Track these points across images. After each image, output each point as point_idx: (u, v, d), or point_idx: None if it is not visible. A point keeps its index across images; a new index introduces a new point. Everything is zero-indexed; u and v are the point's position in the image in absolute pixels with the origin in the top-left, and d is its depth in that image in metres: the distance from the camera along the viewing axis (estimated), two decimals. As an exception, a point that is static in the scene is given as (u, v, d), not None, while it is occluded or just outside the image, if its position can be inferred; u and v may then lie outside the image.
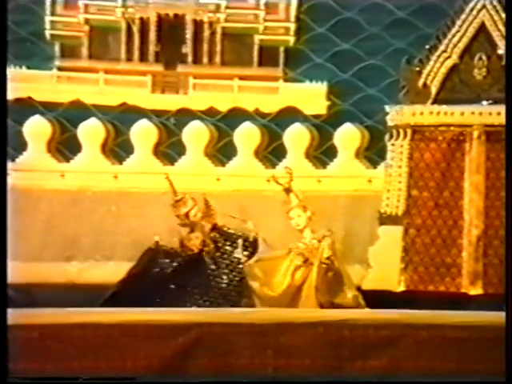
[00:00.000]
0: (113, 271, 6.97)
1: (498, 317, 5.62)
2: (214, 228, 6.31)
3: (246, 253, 6.21)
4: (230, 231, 6.30)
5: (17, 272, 5.80)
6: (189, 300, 6.16)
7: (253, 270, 6.07)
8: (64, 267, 6.96)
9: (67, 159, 7.27)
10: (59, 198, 7.10)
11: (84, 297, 6.54)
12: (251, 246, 6.23)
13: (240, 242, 6.22)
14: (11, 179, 6.01)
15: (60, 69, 7.29)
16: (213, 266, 6.23)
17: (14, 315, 5.13)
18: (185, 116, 7.28)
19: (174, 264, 6.25)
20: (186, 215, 6.30)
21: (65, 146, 7.28)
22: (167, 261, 6.26)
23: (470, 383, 5.25)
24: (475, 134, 6.74)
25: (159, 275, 6.24)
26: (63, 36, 7.30)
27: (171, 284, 6.19)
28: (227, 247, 6.25)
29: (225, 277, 6.19)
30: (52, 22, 7.30)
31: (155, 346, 5.32)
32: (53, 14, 7.30)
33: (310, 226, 6.08)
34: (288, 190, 6.17)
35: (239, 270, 6.19)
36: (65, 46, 7.32)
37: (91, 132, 7.25)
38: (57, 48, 7.31)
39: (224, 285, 6.17)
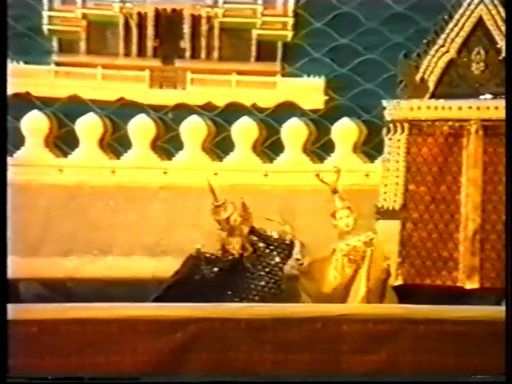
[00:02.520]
0: (110, 266, 6.98)
1: (495, 311, 5.65)
2: (252, 231, 6.31)
3: (282, 255, 6.24)
4: (267, 234, 6.31)
5: (14, 267, 5.79)
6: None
7: (307, 270, 6.13)
8: (62, 262, 6.95)
9: (65, 154, 7.26)
10: (57, 193, 7.10)
11: (82, 292, 6.59)
12: (287, 249, 6.26)
13: (276, 244, 6.25)
14: (9, 174, 5.99)
15: (58, 64, 7.27)
16: (252, 270, 6.23)
17: (11, 310, 5.13)
18: (182, 111, 7.27)
19: (215, 269, 6.23)
20: (227, 220, 6.28)
21: (62, 141, 7.27)
22: (209, 267, 6.24)
23: (469, 383, 5.26)
24: (473, 128, 6.74)
25: (201, 281, 6.22)
26: (61, 31, 7.28)
27: (213, 289, 6.16)
28: (264, 250, 6.27)
29: (262, 279, 6.21)
30: (50, 16, 7.28)
31: (154, 341, 5.33)
32: (50, 9, 7.27)
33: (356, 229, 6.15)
34: (335, 191, 6.19)
35: (275, 273, 6.20)
36: (63, 41, 7.29)
37: (89, 127, 7.24)
38: (55, 43, 7.28)
39: (260, 287, 6.18)
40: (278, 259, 6.23)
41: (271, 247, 6.27)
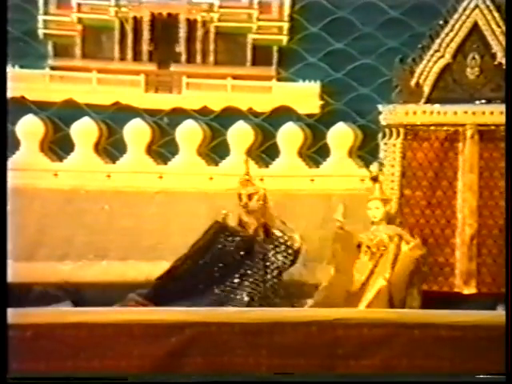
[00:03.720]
0: (106, 270, 6.97)
1: (491, 316, 5.65)
2: (265, 225, 6.40)
3: (286, 260, 6.30)
4: (278, 234, 6.40)
5: (10, 271, 5.77)
6: (240, 285, 6.29)
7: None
8: (57, 266, 6.94)
9: (60, 158, 7.25)
10: (52, 198, 7.09)
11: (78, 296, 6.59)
12: (293, 255, 6.34)
13: (284, 248, 6.35)
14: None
15: (53, 68, 7.27)
16: (260, 256, 6.33)
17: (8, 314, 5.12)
18: (178, 115, 7.27)
19: (235, 242, 6.36)
20: (250, 197, 6.39)
21: (58, 146, 7.26)
22: (230, 238, 6.36)
23: (470, 383, 5.26)
24: (468, 133, 6.75)
25: (221, 253, 6.35)
26: (56, 35, 7.27)
27: (232, 259, 6.33)
28: (271, 249, 6.31)
29: (260, 274, 6.27)
30: (45, 21, 7.27)
31: (149, 345, 5.32)
32: (46, 13, 7.27)
33: (385, 221, 6.26)
34: (375, 179, 6.32)
35: (274, 272, 6.29)
36: (58, 45, 7.29)
37: (84, 131, 7.23)
38: (50, 47, 7.28)
39: (260, 282, 6.27)
40: (282, 261, 6.28)
41: (278, 248, 6.32)
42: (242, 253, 6.36)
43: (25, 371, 5.22)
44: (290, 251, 6.32)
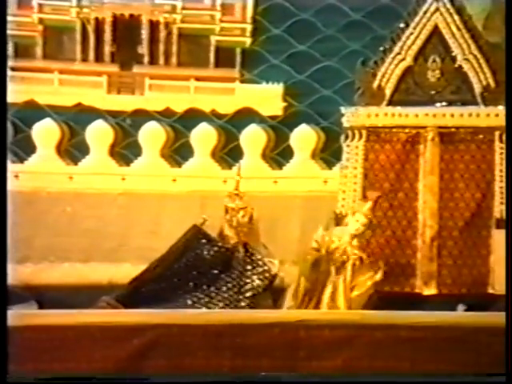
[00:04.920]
0: (68, 272, 6.93)
1: (451, 317, 5.71)
2: (246, 244, 6.36)
3: (261, 283, 6.27)
4: (258, 256, 6.35)
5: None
6: (215, 297, 6.22)
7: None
8: (17, 268, 6.88)
9: (21, 160, 7.20)
10: (13, 199, 7.00)
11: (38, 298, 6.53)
12: (269, 279, 6.30)
13: (261, 270, 6.32)
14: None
15: (13, 69, 7.20)
16: (236, 272, 6.29)
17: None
18: (141, 117, 7.25)
19: (213, 251, 6.31)
20: (237, 211, 6.37)
21: (19, 147, 7.20)
22: (207, 246, 6.31)
23: (470, 383, 5.29)
24: (429, 135, 6.80)
25: (196, 258, 6.30)
26: (17, 35, 7.21)
27: (208, 268, 6.27)
28: (249, 269, 6.30)
29: (237, 294, 6.26)
30: (6, 21, 7.23)
31: (110, 347, 5.30)
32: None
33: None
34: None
35: (248, 293, 6.26)
36: (18, 46, 7.24)
37: (46, 132, 7.19)
38: (10, 48, 7.23)
39: (236, 298, 6.24)
40: (257, 282, 6.26)
41: (255, 270, 6.29)
42: (218, 265, 6.31)
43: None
44: (266, 275, 6.29)
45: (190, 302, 6.16)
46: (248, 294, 6.24)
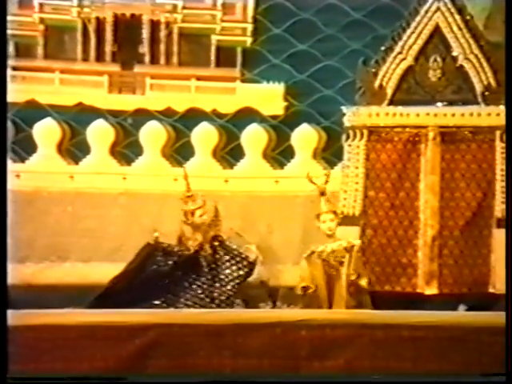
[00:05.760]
0: (68, 272, 6.93)
1: (453, 316, 5.71)
2: (216, 238, 6.33)
3: (241, 272, 6.25)
4: (233, 246, 6.32)
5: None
6: (183, 296, 6.18)
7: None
8: (18, 268, 6.88)
9: (22, 159, 7.20)
10: (14, 199, 7.01)
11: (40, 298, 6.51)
12: (249, 267, 6.28)
13: (239, 259, 6.28)
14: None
15: (15, 68, 7.21)
16: (206, 270, 6.26)
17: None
18: (142, 116, 7.25)
19: (170, 262, 6.27)
20: (192, 213, 6.31)
21: (20, 146, 7.21)
22: (164, 258, 6.27)
23: (470, 383, 5.29)
24: (430, 135, 6.80)
25: (155, 272, 6.25)
26: (18, 35, 7.22)
27: (166, 281, 6.22)
28: (223, 258, 6.27)
29: (216, 289, 6.22)
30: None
31: (112, 347, 5.30)
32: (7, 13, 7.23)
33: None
34: (323, 193, 6.25)
35: (229, 285, 6.23)
36: (19, 46, 7.24)
37: (47, 132, 7.19)
38: (11, 47, 7.24)
39: (215, 294, 6.21)
40: (236, 273, 6.23)
41: (232, 260, 6.27)
42: (180, 270, 6.26)
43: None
44: (244, 263, 6.26)
45: (157, 302, 6.13)
46: (229, 286, 6.22)
